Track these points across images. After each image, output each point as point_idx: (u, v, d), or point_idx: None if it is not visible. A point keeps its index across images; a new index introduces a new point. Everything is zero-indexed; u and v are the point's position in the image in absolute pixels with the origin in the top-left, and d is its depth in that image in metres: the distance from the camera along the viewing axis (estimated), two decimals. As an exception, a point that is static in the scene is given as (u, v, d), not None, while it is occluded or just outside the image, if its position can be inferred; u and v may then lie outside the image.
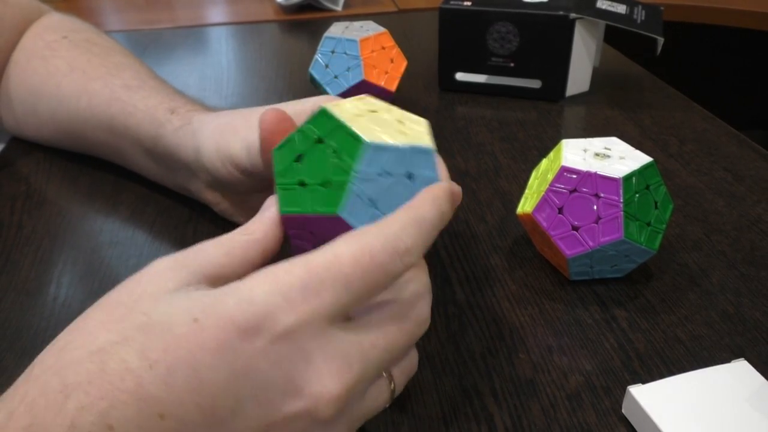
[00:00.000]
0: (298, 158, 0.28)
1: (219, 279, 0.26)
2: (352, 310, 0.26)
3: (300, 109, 0.40)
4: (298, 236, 0.30)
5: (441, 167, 0.30)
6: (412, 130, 0.29)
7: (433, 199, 0.28)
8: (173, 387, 0.22)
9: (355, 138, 0.27)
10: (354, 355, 0.25)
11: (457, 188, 0.32)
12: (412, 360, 0.30)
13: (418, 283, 0.28)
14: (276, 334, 0.23)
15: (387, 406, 0.28)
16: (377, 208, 0.27)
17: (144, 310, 0.24)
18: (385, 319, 0.27)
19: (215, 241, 0.27)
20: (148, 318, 0.23)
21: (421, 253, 0.27)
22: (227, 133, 0.40)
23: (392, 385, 0.28)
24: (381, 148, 0.27)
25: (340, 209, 0.27)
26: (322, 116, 0.28)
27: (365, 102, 0.31)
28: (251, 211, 0.46)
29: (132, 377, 0.22)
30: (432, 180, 0.28)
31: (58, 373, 0.22)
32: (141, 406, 0.22)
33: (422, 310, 0.28)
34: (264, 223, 0.29)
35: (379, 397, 0.28)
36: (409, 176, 0.28)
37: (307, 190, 0.28)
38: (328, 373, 0.24)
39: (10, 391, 0.23)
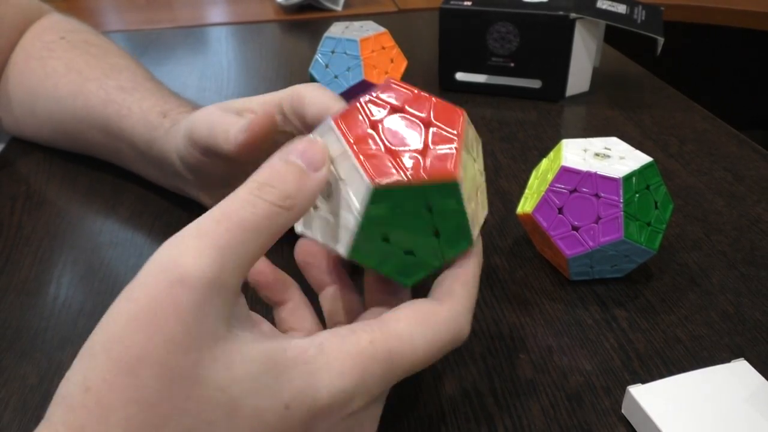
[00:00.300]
0: (386, 239, 0.26)
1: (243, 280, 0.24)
2: None
3: (270, 100, 0.39)
4: None
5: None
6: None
7: (478, 271, 0.29)
8: None
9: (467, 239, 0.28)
10: (366, 424, 0.27)
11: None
12: None
13: None
14: (350, 414, 0.25)
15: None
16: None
17: (219, 385, 0.21)
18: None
19: (252, 225, 0.23)
20: (228, 397, 0.21)
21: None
22: (195, 119, 0.40)
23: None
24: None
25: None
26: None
27: (472, 138, 0.29)
28: None
29: None
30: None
31: None
32: None
33: None
34: (307, 199, 0.24)
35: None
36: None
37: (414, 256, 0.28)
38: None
39: None
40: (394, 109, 0.27)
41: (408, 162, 0.25)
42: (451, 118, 0.27)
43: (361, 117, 0.26)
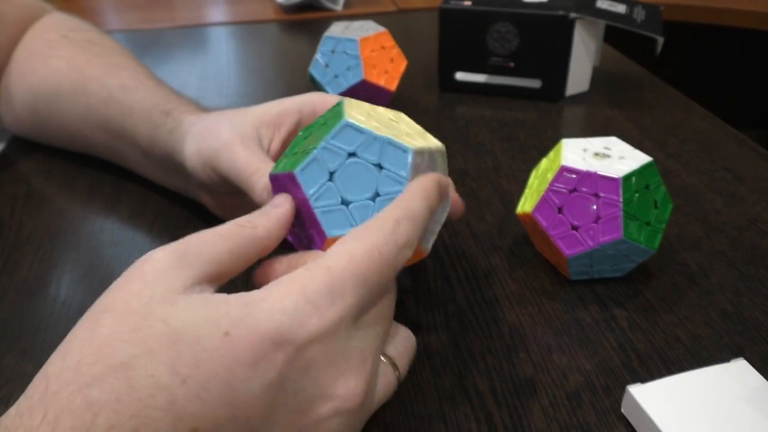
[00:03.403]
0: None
1: (218, 277, 0.26)
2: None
3: (287, 108, 0.40)
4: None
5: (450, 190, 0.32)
6: (410, 136, 0.30)
7: (421, 190, 0.29)
8: (208, 402, 0.22)
9: (339, 116, 0.29)
10: (366, 349, 0.26)
11: (446, 180, 0.32)
12: (409, 341, 0.31)
13: None
14: (306, 341, 0.24)
15: (395, 390, 0.29)
16: (332, 181, 0.29)
17: (161, 317, 0.23)
18: (379, 308, 0.28)
19: (217, 233, 0.27)
20: (169, 327, 0.23)
21: (415, 245, 0.28)
22: (208, 136, 0.40)
23: (397, 372, 0.29)
24: (356, 129, 0.29)
25: (297, 169, 0.29)
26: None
27: (395, 114, 0.32)
28: (245, 213, 0.46)
29: (164, 394, 0.21)
30: (401, 178, 0.29)
31: (80, 391, 0.21)
32: (175, 422, 0.21)
33: (394, 293, 0.29)
34: (270, 220, 0.29)
35: (387, 382, 0.29)
36: (378, 167, 0.29)
37: (288, 156, 0.31)
38: (350, 372, 0.25)
39: (25, 405, 0.22)
40: None
41: None
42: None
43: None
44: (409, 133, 0.31)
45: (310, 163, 0.29)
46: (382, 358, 0.29)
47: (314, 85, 0.63)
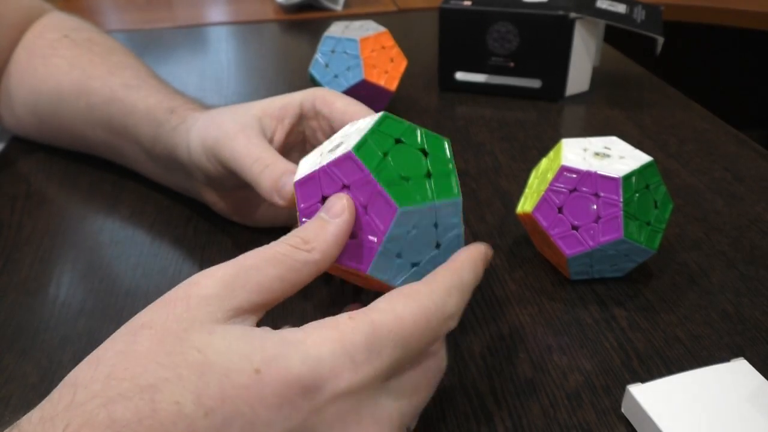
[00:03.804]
0: (384, 155, 0.29)
1: (266, 305, 0.26)
2: None
3: (289, 101, 0.41)
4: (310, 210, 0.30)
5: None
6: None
7: (471, 262, 0.29)
8: None
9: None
10: (395, 414, 0.26)
11: (490, 250, 0.31)
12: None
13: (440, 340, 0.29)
14: (336, 394, 0.23)
15: None
16: (401, 257, 0.29)
17: (197, 345, 0.23)
18: (419, 374, 0.27)
19: (269, 258, 0.26)
20: (203, 357, 0.22)
21: (459, 317, 0.27)
22: (212, 128, 0.40)
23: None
24: (411, 212, 0.28)
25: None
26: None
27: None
28: (250, 209, 0.46)
29: (185, 423, 0.21)
30: (456, 226, 0.30)
31: (105, 406, 0.21)
32: None
33: (445, 361, 0.29)
34: (327, 242, 0.27)
35: None
36: (435, 225, 0.29)
37: (415, 182, 0.29)
38: None
39: (50, 412, 0.21)
40: None
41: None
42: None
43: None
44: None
45: (378, 258, 0.28)
46: None
47: (314, 85, 0.63)
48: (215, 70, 0.76)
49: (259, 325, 0.25)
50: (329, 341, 0.23)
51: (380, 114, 0.30)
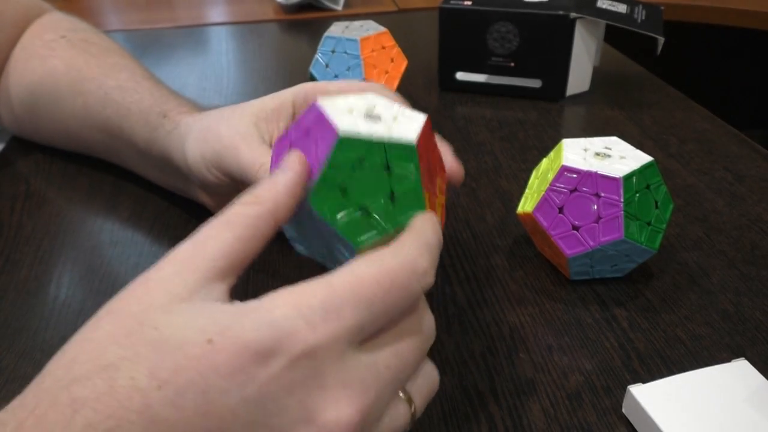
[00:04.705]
0: (343, 192, 0.27)
1: (232, 268, 0.25)
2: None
3: (281, 102, 0.41)
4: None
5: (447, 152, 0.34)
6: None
7: (432, 223, 0.28)
8: (182, 409, 0.22)
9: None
10: (369, 378, 0.24)
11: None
12: (430, 378, 0.29)
13: (422, 299, 0.28)
14: (292, 357, 0.22)
15: (408, 429, 0.27)
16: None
17: (155, 324, 0.23)
18: (396, 337, 0.26)
19: (222, 221, 0.26)
20: (159, 333, 0.23)
21: (433, 275, 0.26)
22: (211, 140, 0.40)
23: (413, 407, 0.27)
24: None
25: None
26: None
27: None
28: None
29: (140, 397, 0.21)
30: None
31: (67, 387, 0.22)
32: (148, 427, 0.21)
33: (429, 323, 0.28)
34: (278, 191, 0.26)
35: (397, 419, 0.26)
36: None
37: (375, 211, 0.28)
38: (344, 399, 0.23)
39: (20, 400, 0.22)
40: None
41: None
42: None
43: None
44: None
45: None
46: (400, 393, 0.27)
47: (314, 85, 0.63)
48: (215, 70, 0.76)
49: (233, 292, 0.25)
50: (282, 305, 0.23)
51: (336, 136, 0.28)
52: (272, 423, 0.23)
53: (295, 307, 0.23)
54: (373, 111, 0.29)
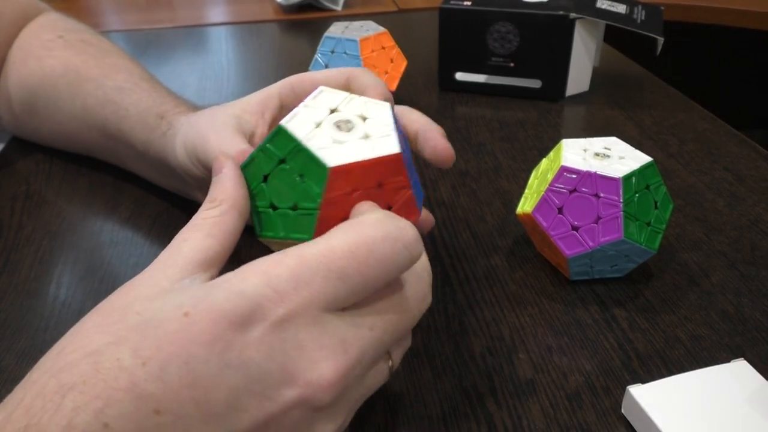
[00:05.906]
0: (265, 179, 0.28)
1: (212, 261, 0.26)
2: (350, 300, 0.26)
3: (267, 95, 0.41)
4: None
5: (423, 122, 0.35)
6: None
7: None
8: (167, 382, 0.22)
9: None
10: (350, 339, 0.25)
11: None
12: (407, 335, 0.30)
13: (417, 264, 0.28)
14: (267, 325, 0.24)
15: (386, 380, 0.28)
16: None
17: (137, 310, 0.24)
18: (383, 302, 0.26)
19: (189, 227, 0.27)
20: (140, 317, 0.24)
21: (421, 247, 0.26)
22: (191, 133, 0.40)
23: (390, 362, 0.28)
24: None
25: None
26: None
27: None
28: None
29: (126, 375, 0.22)
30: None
31: (54, 376, 0.22)
32: (136, 403, 0.22)
33: (421, 289, 0.28)
34: (226, 188, 0.28)
35: (377, 376, 0.28)
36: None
37: (278, 214, 0.28)
38: (323, 359, 0.24)
39: (10, 396, 0.23)
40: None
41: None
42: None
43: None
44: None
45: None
46: None
47: (314, 85, 0.63)
48: (215, 70, 0.76)
49: None
50: (253, 275, 0.24)
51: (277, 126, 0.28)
52: (256, 388, 0.24)
53: (265, 278, 0.24)
54: (352, 120, 0.28)
